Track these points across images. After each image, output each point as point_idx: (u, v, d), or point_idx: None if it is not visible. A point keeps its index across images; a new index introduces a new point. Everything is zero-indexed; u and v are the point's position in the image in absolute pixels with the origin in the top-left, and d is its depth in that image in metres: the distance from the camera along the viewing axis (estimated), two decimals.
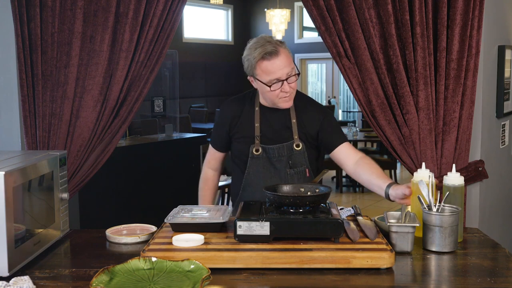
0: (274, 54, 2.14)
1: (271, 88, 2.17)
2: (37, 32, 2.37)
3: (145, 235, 2.05)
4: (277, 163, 2.28)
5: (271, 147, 2.27)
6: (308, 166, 2.30)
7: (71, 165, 2.44)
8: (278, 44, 2.18)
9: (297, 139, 2.27)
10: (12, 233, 1.68)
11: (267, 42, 2.17)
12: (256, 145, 2.28)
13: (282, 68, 2.15)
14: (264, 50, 2.14)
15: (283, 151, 2.27)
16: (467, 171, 2.47)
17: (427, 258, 1.83)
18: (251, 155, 2.28)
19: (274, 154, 2.27)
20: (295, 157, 2.27)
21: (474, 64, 2.39)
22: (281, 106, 2.25)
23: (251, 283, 1.61)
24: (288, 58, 2.19)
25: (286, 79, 2.17)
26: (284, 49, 2.19)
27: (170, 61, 6.36)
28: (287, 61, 2.17)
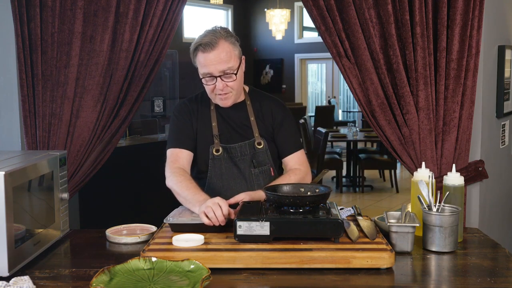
0: (209, 47, 2.02)
1: (203, 81, 2.10)
2: (37, 32, 2.38)
3: (145, 235, 2.05)
4: (240, 163, 2.18)
5: (232, 146, 2.17)
6: (272, 164, 2.22)
7: (71, 165, 2.44)
8: (222, 38, 2.05)
9: (258, 137, 2.19)
10: (12, 233, 1.68)
11: (210, 33, 2.06)
12: (216, 145, 2.17)
13: (215, 64, 2.04)
14: (200, 40, 2.05)
15: (245, 149, 2.18)
16: (467, 171, 2.47)
17: (427, 258, 1.83)
18: (211, 156, 2.17)
19: (237, 153, 2.18)
20: (258, 156, 2.19)
21: (474, 64, 2.39)
22: (219, 104, 2.16)
23: (251, 283, 1.61)
24: (228, 53, 2.05)
25: (220, 76, 2.07)
26: (225, 44, 2.05)
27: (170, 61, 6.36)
28: (225, 57, 2.04)
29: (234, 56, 2.08)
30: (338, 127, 10.79)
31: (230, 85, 2.10)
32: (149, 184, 4.67)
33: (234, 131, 2.20)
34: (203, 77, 2.09)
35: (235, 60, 2.09)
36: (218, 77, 2.07)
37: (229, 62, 2.06)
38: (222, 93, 2.10)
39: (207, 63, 2.05)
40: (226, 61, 2.05)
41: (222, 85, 2.08)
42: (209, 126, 2.20)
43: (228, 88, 2.10)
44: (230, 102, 2.15)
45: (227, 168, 2.18)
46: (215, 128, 2.19)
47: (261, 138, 2.20)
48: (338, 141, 9.18)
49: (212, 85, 2.09)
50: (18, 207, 1.72)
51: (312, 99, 14.56)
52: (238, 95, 2.20)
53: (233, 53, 2.08)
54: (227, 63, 2.06)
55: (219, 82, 2.08)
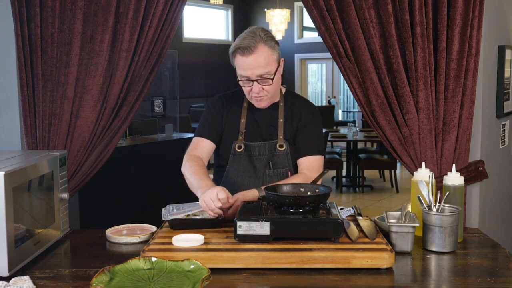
0: (247, 51, 2.03)
1: (240, 83, 2.11)
2: (37, 32, 2.38)
3: (145, 235, 2.05)
4: (257, 162, 2.20)
5: (252, 144, 2.19)
6: (291, 168, 2.22)
7: (71, 165, 2.44)
8: (261, 41, 2.04)
9: (282, 139, 2.20)
10: (12, 233, 1.68)
11: (250, 35, 2.05)
12: (239, 141, 2.19)
13: (252, 68, 2.05)
14: (239, 43, 2.05)
15: (264, 149, 2.20)
16: (467, 171, 2.47)
17: (427, 258, 1.83)
18: (233, 151, 2.20)
19: (255, 152, 2.19)
20: (277, 158, 2.20)
21: (474, 64, 2.39)
22: (254, 105, 2.18)
23: (251, 283, 1.61)
24: (266, 58, 2.05)
25: (256, 80, 2.08)
26: (265, 48, 2.05)
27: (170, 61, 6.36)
28: (263, 62, 2.04)
29: (272, 61, 2.08)
30: (338, 127, 10.79)
31: (266, 88, 2.11)
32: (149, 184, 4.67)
33: (260, 130, 2.22)
34: (240, 79, 2.11)
35: (273, 64, 2.09)
36: (254, 80, 2.08)
37: (266, 66, 2.06)
38: (258, 96, 2.12)
39: (245, 67, 2.06)
40: (264, 66, 2.05)
41: (259, 88, 2.10)
42: (237, 122, 2.23)
43: (264, 91, 2.11)
44: (265, 104, 2.18)
45: (244, 165, 2.21)
46: (242, 125, 2.22)
47: (284, 140, 2.20)
48: (338, 141, 9.17)
49: (249, 87, 2.11)
50: (18, 207, 1.72)
51: (312, 99, 14.55)
52: (274, 98, 2.22)
53: (271, 58, 2.08)
54: (265, 68, 2.06)
55: (256, 86, 2.09)
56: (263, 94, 2.12)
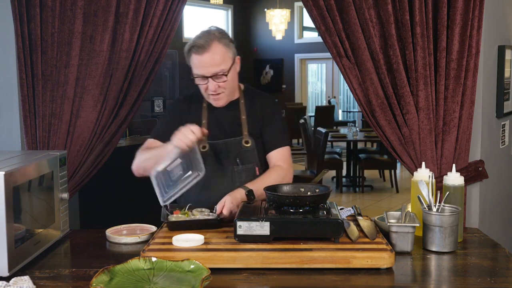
0: (202, 49, 2.04)
1: (196, 81, 2.11)
2: (37, 32, 2.38)
3: (145, 235, 2.05)
4: (223, 159, 2.19)
5: (217, 143, 2.19)
6: (258, 163, 2.22)
7: (71, 165, 2.44)
8: (216, 39, 2.06)
9: (247, 135, 2.20)
10: (12, 233, 1.68)
11: (205, 34, 2.07)
12: (203, 141, 2.18)
13: (207, 66, 2.06)
14: (194, 42, 2.07)
15: (231, 146, 2.19)
16: (467, 171, 2.47)
17: (427, 258, 1.83)
18: None
19: (221, 149, 2.19)
20: (243, 154, 2.20)
21: (474, 64, 2.39)
22: (212, 103, 2.18)
23: (251, 283, 1.61)
24: (221, 56, 2.07)
25: (211, 77, 2.08)
26: (219, 46, 2.06)
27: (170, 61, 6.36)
28: (218, 60, 2.06)
29: (227, 58, 2.10)
30: (338, 127, 10.78)
31: (222, 85, 2.11)
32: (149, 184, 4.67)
33: (224, 129, 2.22)
34: (195, 77, 2.12)
35: (228, 62, 2.10)
36: (209, 77, 2.09)
37: (221, 64, 2.07)
38: (214, 93, 2.13)
39: (200, 65, 2.08)
40: (218, 64, 2.07)
41: (214, 85, 2.10)
42: (199, 123, 2.19)
43: (220, 88, 2.12)
44: (222, 102, 2.18)
45: (211, 164, 2.19)
46: (204, 125, 2.20)
47: (249, 136, 2.20)
48: (338, 141, 9.18)
49: (204, 85, 2.12)
50: (18, 207, 1.72)
51: (312, 99, 14.56)
52: (232, 95, 2.22)
53: (226, 55, 2.09)
54: (220, 66, 2.08)
55: (211, 83, 2.10)
56: (220, 91, 2.13)
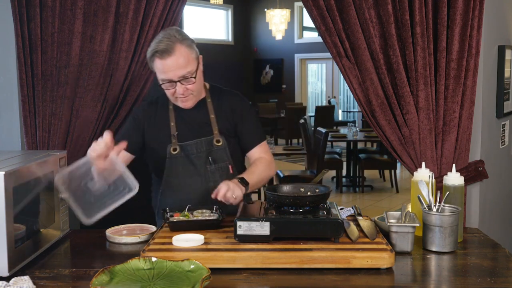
0: (166, 54, 2.00)
1: (162, 87, 2.09)
2: (37, 32, 2.38)
3: (145, 235, 2.05)
4: (196, 159, 2.18)
5: (188, 143, 2.17)
6: (231, 162, 2.21)
7: None
8: (178, 42, 2.03)
9: (217, 134, 2.18)
10: (12, 233, 1.68)
11: (166, 38, 2.03)
12: (173, 144, 2.17)
13: (174, 70, 2.03)
14: (156, 47, 2.02)
15: (201, 146, 2.18)
16: (467, 171, 2.47)
17: (427, 258, 1.83)
18: (169, 155, 2.17)
19: (193, 150, 2.17)
20: (215, 153, 2.18)
21: (474, 64, 2.39)
22: (180, 106, 2.16)
23: (251, 283, 1.61)
24: (185, 58, 2.04)
25: (179, 81, 2.05)
26: (182, 48, 2.04)
27: None
28: (183, 62, 2.03)
29: (191, 59, 2.07)
30: (338, 127, 10.79)
31: (190, 88, 2.09)
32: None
33: (193, 130, 2.20)
34: (162, 83, 2.08)
35: (193, 63, 2.08)
36: (177, 81, 2.06)
37: (187, 66, 2.05)
38: (182, 96, 2.11)
39: (166, 69, 2.04)
40: (184, 66, 2.04)
41: (183, 89, 2.08)
42: (167, 126, 2.20)
43: (188, 91, 2.10)
44: (190, 103, 2.16)
45: (183, 166, 2.19)
46: (173, 128, 2.19)
47: (220, 135, 2.19)
48: (338, 141, 9.17)
49: (172, 89, 2.09)
50: (18, 207, 1.72)
51: (312, 99, 14.56)
52: (199, 96, 2.20)
53: (190, 57, 2.07)
54: (186, 68, 2.05)
55: (179, 87, 2.07)
56: (188, 94, 2.11)
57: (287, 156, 9.56)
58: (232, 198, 1.98)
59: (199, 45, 2.17)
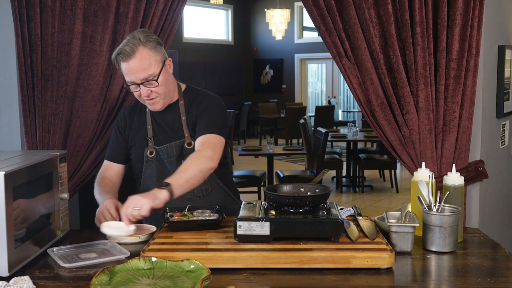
0: (127, 56, 2.00)
1: (129, 88, 2.09)
2: (37, 32, 2.38)
3: (145, 235, 2.04)
4: (168, 164, 2.17)
5: (161, 148, 2.17)
6: None
7: (71, 165, 2.44)
8: (140, 44, 2.01)
9: (188, 137, 2.15)
10: (12, 233, 1.68)
11: (130, 40, 2.02)
12: (150, 147, 2.18)
13: (135, 72, 2.01)
14: (120, 49, 2.01)
15: (171, 150, 2.16)
16: (467, 171, 2.47)
17: (427, 258, 1.83)
18: (146, 158, 2.19)
19: (164, 154, 2.17)
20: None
21: (474, 64, 2.39)
22: (149, 108, 2.16)
23: (251, 283, 1.61)
24: (147, 61, 2.01)
25: (142, 83, 2.04)
26: (144, 51, 2.01)
27: None
28: (144, 65, 2.00)
29: (154, 62, 2.04)
30: (338, 127, 10.80)
31: (155, 90, 2.07)
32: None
33: (167, 133, 2.19)
34: (128, 84, 2.08)
35: (156, 66, 2.04)
36: (140, 84, 2.05)
37: (149, 69, 2.02)
38: (148, 98, 2.09)
39: (128, 71, 2.03)
40: (145, 69, 2.02)
41: (146, 91, 2.06)
42: (144, 129, 2.21)
43: (153, 93, 2.08)
44: (159, 106, 2.13)
45: (158, 169, 2.19)
46: (149, 131, 2.19)
47: (191, 138, 2.16)
48: (338, 141, 9.18)
49: (137, 91, 2.08)
50: (18, 207, 1.72)
51: (312, 99, 14.57)
52: (169, 98, 2.17)
53: (153, 59, 2.03)
54: (147, 71, 2.02)
55: (143, 89, 2.06)
56: (154, 96, 2.09)
57: (287, 156, 9.57)
58: (136, 211, 1.84)
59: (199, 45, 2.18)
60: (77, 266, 1.78)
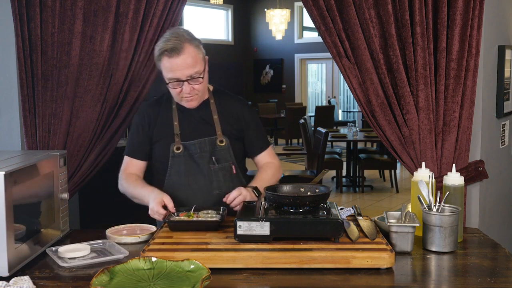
0: (174, 53, 2.03)
1: (169, 86, 2.11)
2: (37, 32, 2.37)
3: (145, 235, 2.05)
4: (199, 159, 2.19)
5: (192, 143, 2.19)
6: (235, 162, 2.24)
7: (71, 165, 2.44)
8: (186, 42, 2.05)
9: (221, 134, 2.20)
10: (12, 233, 1.68)
11: (174, 37, 2.05)
12: (177, 143, 2.19)
13: (182, 69, 2.05)
14: (165, 45, 2.04)
15: (205, 146, 2.20)
16: (467, 171, 2.47)
17: (427, 258, 1.83)
18: (172, 154, 2.19)
19: (196, 149, 2.19)
20: (219, 153, 2.21)
21: (474, 64, 2.39)
22: (185, 105, 2.19)
23: (251, 283, 1.61)
24: (194, 58, 2.07)
25: (187, 80, 2.08)
26: (191, 48, 2.06)
27: None
28: (191, 62, 2.06)
29: (199, 60, 2.10)
30: (338, 127, 10.79)
31: (197, 87, 2.12)
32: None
33: (196, 129, 2.22)
34: (169, 81, 2.10)
35: (201, 63, 2.11)
36: (185, 81, 2.08)
37: (195, 66, 2.07)
38: (188, 96, 2.13)
39: (174, 68, 2.06)
40: (192, 66, 2.07)
41: (189, 88, 2.10)
42: (170, 125, 2.23)
43: (194, 91, 2.12)
44: (196, 103, 2.19)
45: (186, 165, 2.20)
46: (176, 127, 2.21)
47: (223, 136, 2.21)
48: (338, 141, 9.17)
49: (179, 88, 2.11)
50: (18, 207, 1.72)
51: (312, 99, 14.57)
52: (203, 96, 2.23)
53: (198, 57, 2.09)
54: (194, 68, 2.07)
55: (186, 86, 2.09)
56: (194, 94, 2.13)
57: (287, 156, 9.56)
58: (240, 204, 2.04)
59: None
60: (77, 266, 1.78)
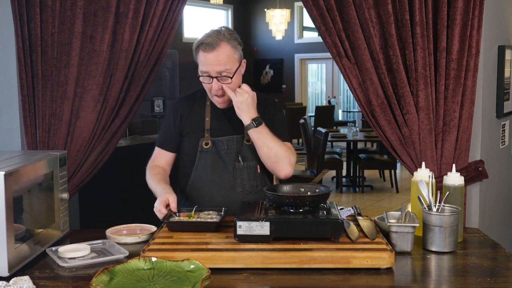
0: (209, 47, 2.07)
1: (201, 79, 2.15)
2: (37, 32, 2.38)
3: (145, 235, 2.05)
4: (225, 156, 2.23)
5: (220, 139, 2.22)
6: (260, 162, 2.23)
7: (71, 165, 2.44)
8: (224, 40, 2.09)
9: (247, 134, 2.20)
10: (12, 233, 1.68)
11: (215, 33, 2.11)
12: (206, 138, 2.23)
13: (213, 64, 2.09)
14: (203, 40, 2.10)
15: (232, 143, 2.23)
16: (467, 171, 2.47)
17: (427, 258, 1.83)
18: (200, 149, 2.23)
19: (223, 146, 2.22)
20: (245, 152, 2.23)
21: (474, 64, 2.39)
22: (215, 104, 2.22)
23: (251, 283, 1.61)
24: (227, 56, 2.09)
25: (216, 77, 2.11)
26: (227, 47, 2.10)
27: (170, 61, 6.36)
28: (224, 59, 2.09)
29: (233, 59, 2.12)
30: (338, 127, 10.79)
31: (226, 87, 2.13)
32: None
33: (225, 126, 2.24)
34: (201, 74, 2.14)
35: (234, 63, 2.12)
36: (214, 77, 2.11)
37: (227, 64, 2.10)
38: (218, 94, 2.15)
39: (206, 62, 2.10)
40: (224, 63, 2.09)
41: (218, 86, 2.13)
42: (202, 121, 2.26)
43: (221, 91, 2.14)
44: (225, 104, 2.20)
45: (213, 161, 2.23)
46: (207, 123, 2.25)
47: None
48: (338, 141, 9.18)
49: (209, 84, 2.14)
50: (18, 207, 1.72)
51: (312, 99, 14.56)
52: None
53: (232, 56, 2.12)
54: (225, 65, 2.10)
55: (215, 83, 2.12)
56: (223, 93, 2.15)
57: None
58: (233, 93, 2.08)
59: None
60: (77, 266, 1.78)
